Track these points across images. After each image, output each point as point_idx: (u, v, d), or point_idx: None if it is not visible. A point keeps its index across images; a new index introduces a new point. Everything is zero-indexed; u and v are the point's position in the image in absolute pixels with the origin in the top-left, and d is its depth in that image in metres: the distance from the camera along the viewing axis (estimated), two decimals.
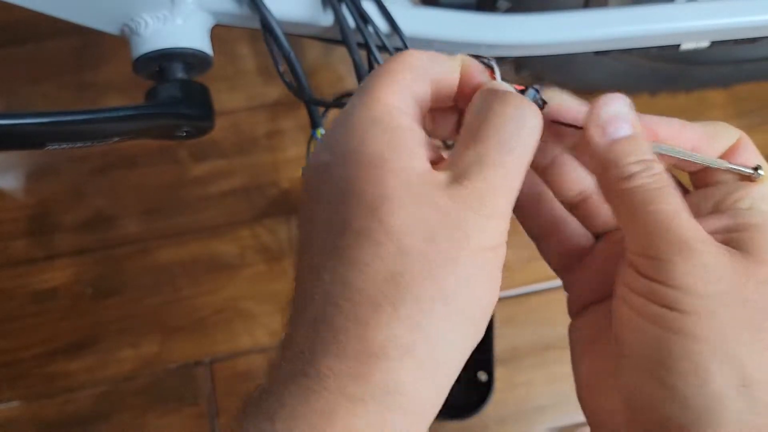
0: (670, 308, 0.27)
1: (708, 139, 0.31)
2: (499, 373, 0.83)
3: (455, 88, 0.32)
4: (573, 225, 0.35)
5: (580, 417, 0.89)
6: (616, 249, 0.32)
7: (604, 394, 0.32)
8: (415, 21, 0.53)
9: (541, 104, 0.32)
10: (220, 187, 0.93)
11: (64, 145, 0.47)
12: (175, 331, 0.87)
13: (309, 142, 0.57)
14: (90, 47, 0.99)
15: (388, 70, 0.29)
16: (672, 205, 0.28)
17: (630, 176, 0.29)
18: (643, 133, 0.30)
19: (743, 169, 0.30)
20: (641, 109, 0.32)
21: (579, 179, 0.34)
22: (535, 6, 0.58)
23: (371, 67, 0.52)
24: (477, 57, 0.33)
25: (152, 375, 0.86)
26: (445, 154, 0.29)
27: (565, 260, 0.35)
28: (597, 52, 0.57)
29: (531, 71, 0.85)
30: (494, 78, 0.32)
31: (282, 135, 0.96)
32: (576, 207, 0.34)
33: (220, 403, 0.85)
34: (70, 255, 0.90)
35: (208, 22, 0.53)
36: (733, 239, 0.29)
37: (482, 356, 0.83)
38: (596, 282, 0.34)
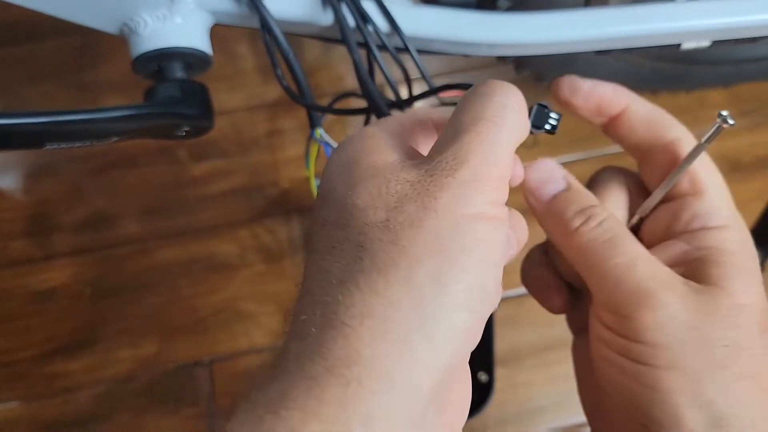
0: (642, 363, 0.28)
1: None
2: (499, 373, 0.83)
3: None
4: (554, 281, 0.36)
5: (580, 417, 0.89)
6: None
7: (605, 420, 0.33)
8: (415, 20, 0.52)
9: (551, 123, 0.32)
10: (220, 187, 0.93)
11: (63, 145, 0.47)
12: (175, 331, 0.87)
13: (308, 142, 0.57)
14: (89, 47, 0.99)
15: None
16: (626, 256, 0.28)
17: (575, 231, 0.29)
18: (578, 185, 0.32)
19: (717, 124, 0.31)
20: None
21: None
22: (536, 5, 0.58)
23: (371, 67, 0.52)
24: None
25: (151, 375, 0.85)
26: None
27: (556, 308, 0.37)
28: (598, 52, 0.57)
29: (531, 71, 0.85)
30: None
31: (282, 135, 0.96)
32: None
33: (220, 404, 0.84)
34: (69, 255, 0.90)
35: (207, 22, 0.53)
36: (691, 270, 0.29)
37: (482, 357, 0.82)
38: (585, 315, 0.34)
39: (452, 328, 0.23)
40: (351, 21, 0.51)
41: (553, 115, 0.32)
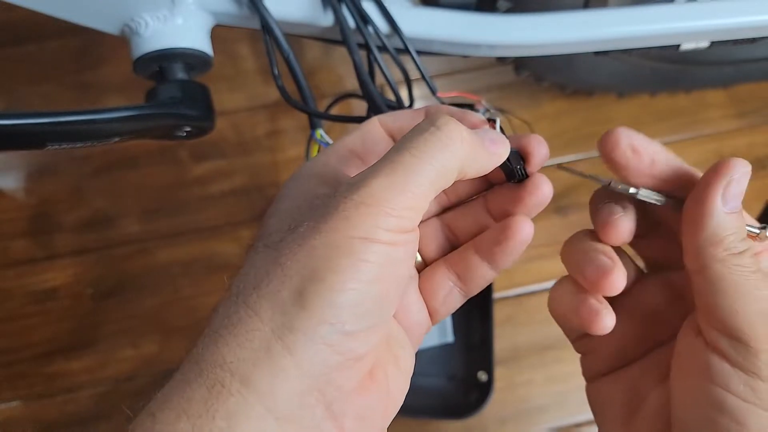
0: (745, 400, 0.27)
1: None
2: (498, 373, 0.83)
3: None
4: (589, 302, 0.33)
5: (579, 417, 0.90)
6: (634, 316, 0.32)
7: None
8: (415, 21, 0.53)
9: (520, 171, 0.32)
10: (221, 187, 0.93)
11: (65, 145, 0.47)
12: (175, 331, 0.87)
13: (308, 143, 0.57)
14: (90, 47, 0.99)
15: (339, 139, 0.33)
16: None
17: (739, 253, 0.28)
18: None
19: (751, 229, 0.30)
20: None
21: None
22: (535, 6, 0.58)
23: (371, 68, 0.52)
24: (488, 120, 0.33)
25: (152, 375, 0.86)
26: None
27: (581, 336, 0.35)
28: (597, 53, 0.57)
29: (531, 71, 0.85)
30: (493, 128, 0.32)
31: (282, 135, 0.96)
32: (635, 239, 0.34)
33: None
34: (70, 255, 0.90)
35: (208, 23, 0.53)
36: None
37: (482, 356, 0.83)
38: (616, 350, 0.33)
39: (315, 340, 0.25)
40: (351, 22, 0.51)
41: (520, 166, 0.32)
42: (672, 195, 0.31)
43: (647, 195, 0.30)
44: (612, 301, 0.32)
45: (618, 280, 0.30)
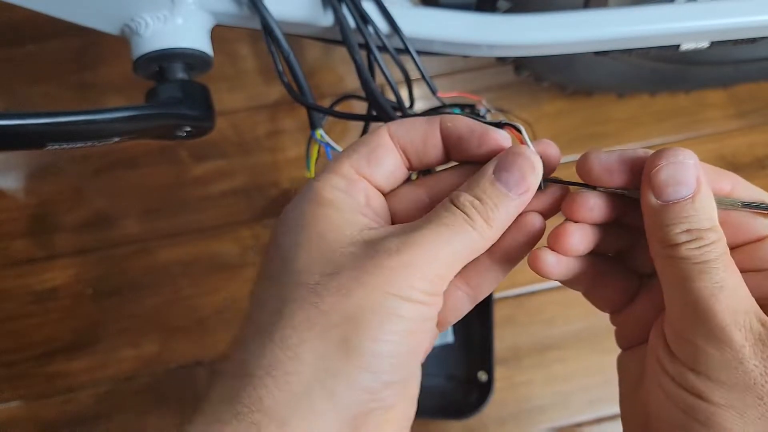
0: (699, 397, 0.26)
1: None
2: (499, 373, 0.83)
3: (440, 147, 0.32)
4: (616, 275, 0.33)
5: (580, 417, 0.90)
6: (660, 297, 0.32)
7: None
8: (415, 21, 0.53)
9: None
10: (221, 187, 0.93)
11: (65, 145, 0.47)
12: (176, 331, 0.87)
13: (308, 143, 0.57)
14: (90, 48, 0.99)
15: (344, 152, 0.32)
16: (713, 283, 0.27)
17: (675, 245, 0.28)
18: (707, 193, 0.28)
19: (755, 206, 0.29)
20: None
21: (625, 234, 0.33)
22: (535, 6, 0.58)
23: (371, 68, 0.52)
24: (506, 124, 0.33)
25: (152, 375, 0.86)
26: None
27: (610, 306, 0.34)
28: (597, 53, 0.57)
29: (531, 71, 0.85)
30: (521, 140, 0.32)
31: (282, 135, 0.96)
32: (623, 253, 0.34)
33: None
34: (70, 255, 0.90)
35: (208, 23, 0.53)
36: None
37: (482, 356, 0.83)
38: (642, 325, 0.33)
39: (356, 387, 0.26)
40: (351, 22, 0.51)
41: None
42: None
43: (631, 192, 0.31)
44: (639, 282, 0.33)
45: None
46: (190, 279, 0.89)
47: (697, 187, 0.28)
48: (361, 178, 0.32)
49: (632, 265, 0.34)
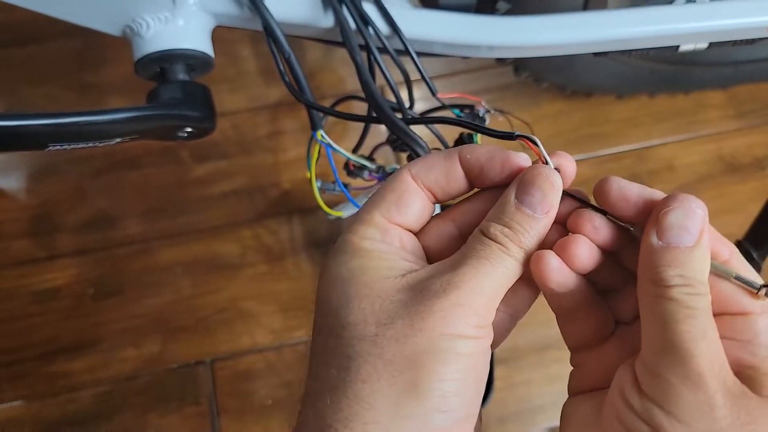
0: None
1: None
2: (498, 372, 0.83)
3: (462, 179, 0.33)
4: (598, 312, 0.33)
5: None
6: (630, 346, 0.32)
7: None
8: (415, 22, 0.53)
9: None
10: (222, 188, 0.94)
11: (66, 146, 0.47)
12: (177, 330, 0.88)
13: (309, 144, 0.57)
14: (92, 49, 1.00)
15: (371, 201, 0.33)
16: (699, 329, 0.27)
17: (668, 287, 0.28)
18: (706, 249, 0.29)
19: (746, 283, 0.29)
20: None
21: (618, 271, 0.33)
22: (535, 8, 0.58)
23: (371, 69, 0.52)
24: (519, 136, 0.33)
25: (154, 374, 0.86)
26: None
27: (580, 341, 0.35)
28: (596, 54, 0.57)
29: (530, 72, 0.85)
30: (537, 152, 0.32)
31: (283, 136, 0.96)
32: (609, 293, 0.34)
33: (221, 403, 0.85)
34: (72, 255, 0.90)
35: (209, 24, 0.53)
36: (748, 376, 0.28)
37: None
38: (605, 370, 0.33)
39: (428, 426, 0.28)
40: (351, 23, 0.51)
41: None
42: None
43: (636, 230, 0.31)
44: (614, 327, 0.34)
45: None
46: (191, 279, 0.90)
47: (699, 238, 0.29)
48: (394, 225, 0.33)
49: (614, 307, 0.34)
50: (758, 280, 0.30)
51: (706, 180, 0.93)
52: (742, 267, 0.30)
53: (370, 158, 0.63)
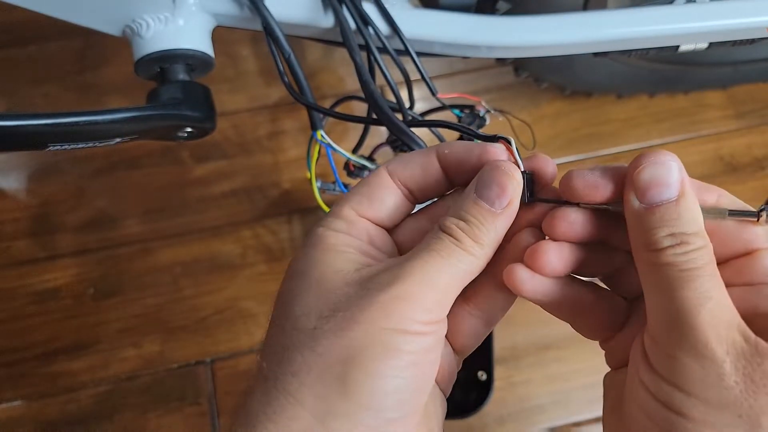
0: (677, 413, 0.26)
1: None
2: (498, 372, 0.83)
3: (440, 175, 0.33)
4: (603, 305, 0.32)
5: (578, 416, 0.90)
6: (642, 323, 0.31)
7: None
8: (414, 22, 0.53)
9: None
10: (222, 188, 0.94)
11: (67, 146, 0.47)
12: (177, 330, 0.88)
13: (309, 144, 0.57)
14: (92, 49, 1.00)
15: (345, 195, 0.33)
16: (698, 293, 0.26)
17: (659, 250, 0.27)
18: (692, 198, 0.27)
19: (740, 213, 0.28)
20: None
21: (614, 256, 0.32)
22: (535, 8, 0.58)
23: (371, 69, 0.53)
24: (500, 138, 0.32)
25: (154, 374, 0.86)
26: None
27: (599, 335, 0.33)
28: (596, 54, 0.57)
29: (530, 72, 0.85)
30: (510, 150, 0.32)
31: (283, 136, 0.96)
32: (611, 276, 0.33)
33: (221, 403, 0.85)
34: (72, 255, 0.90)
35: (209, 24, 0.53)
36: (759, 321, 0.26)
37: (481, 356, 0.83)
38: (629, 348, 0.31)
39: (356, 425, 0.26)
40: (351, 23, 0.51)
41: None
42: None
43: (614, 206, 0.30)
44: (629, 307, 0.33)
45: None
46: (191, 279, 0.90)
47: (681, 189, 0.27)
48: (362, 219, 0.32)
49: (621, 288, 0.33)
50: (753, 209, 0.29)
51: (706, 180, 0.90)
52: (734, 203, 0.29)
53: (370, 158, 0.63)
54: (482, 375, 0.82)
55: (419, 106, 0.61)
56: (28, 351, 0.87)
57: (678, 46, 0.57)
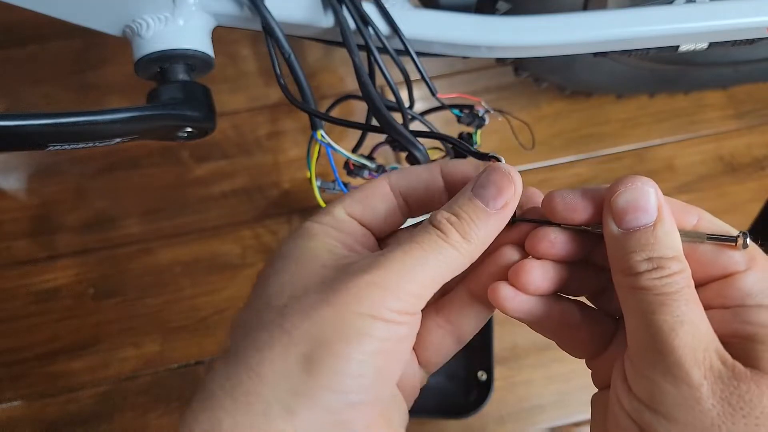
0: None
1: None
2: (498, 372, 0.83)
3: (441, 190, 0.33)
4: (589, 323, 0.32)
5: (578, 416, 0.90)
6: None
7: None
8: (414, 23, 0.53)
9: None
10: (222, 188, 0.94)
11: (67, 146, 0.47)
12: (177, 330, 0.88)
13: (309, 144, 0.57)
14: (92, 49, 1.00)
15: (341, 197, 0.33)
16: (673, 317, 0.26)
17: (637, 274, 0.27)
18: (669, 222, 0.28)
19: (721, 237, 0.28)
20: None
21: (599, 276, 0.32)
22: (535, 8, 0.58)
23: (371, 69, 0.53)
24: (488, 156, 0.33)
25: (154, 374, 0.86)
26: None
27: (585, 354, 0.33)
28: (596, 54, 0.57)
29: (530, 72, 0.85)
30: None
31: (283, 136, 0.96)
32: (596, 295, 0.33)
33: None
34: (72, 255, 0.90)
35: (209, 24, 0.53)
36: (740, 348, 0.26)
37: (481, 355, 0.83)
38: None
39: (318, 406, 0.26)
40: (351, 23, 0.51)
41: None
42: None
43: (594, 227, 0.30)
44: (615, 325, 0.32)
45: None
46: (191, 279, 0.90)
47: (658, 214, 0.28)
48: (352, 220, 0.32)
49: (608, 307, 0.33)
50: (733, 232, 0.29)
51: (706, 180, 0.93)
52: (714, 226, 0.29)
53: (370, 158, 0.63)
54: (482, 375, 0.82)
55: (419, 106, 0.61)
56: (28, 351, 0.87)
57: (678, 46, 0.57)
